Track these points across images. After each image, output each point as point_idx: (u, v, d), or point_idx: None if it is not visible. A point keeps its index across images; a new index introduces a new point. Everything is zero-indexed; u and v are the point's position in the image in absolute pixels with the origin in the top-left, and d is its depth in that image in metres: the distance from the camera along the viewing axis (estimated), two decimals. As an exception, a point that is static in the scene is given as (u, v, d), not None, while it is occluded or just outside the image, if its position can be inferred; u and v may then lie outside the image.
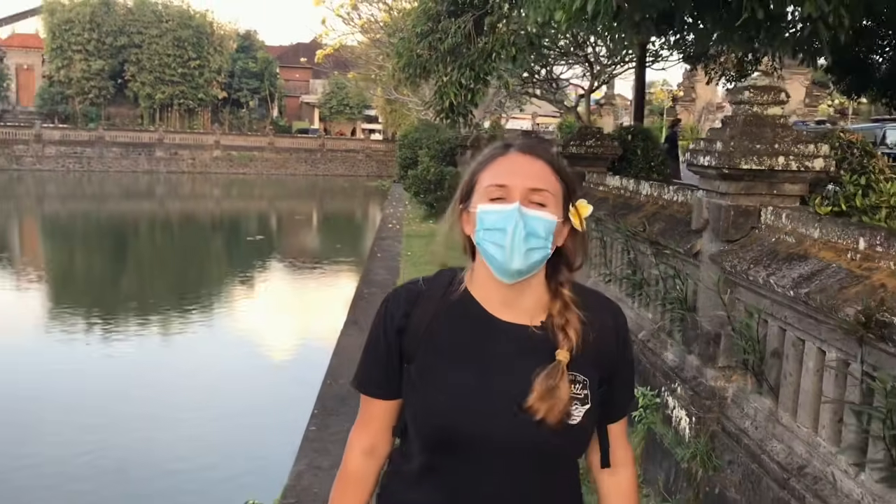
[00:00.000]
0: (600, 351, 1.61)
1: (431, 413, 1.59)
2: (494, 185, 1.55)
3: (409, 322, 1.64)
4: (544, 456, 1.60)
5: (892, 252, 3.06)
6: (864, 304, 2.86)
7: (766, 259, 3.80)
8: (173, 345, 12.67)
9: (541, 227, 1.53)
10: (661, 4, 4.79)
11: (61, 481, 7.20)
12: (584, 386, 1.58)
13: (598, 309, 1.65)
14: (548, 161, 1.59)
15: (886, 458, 2.93)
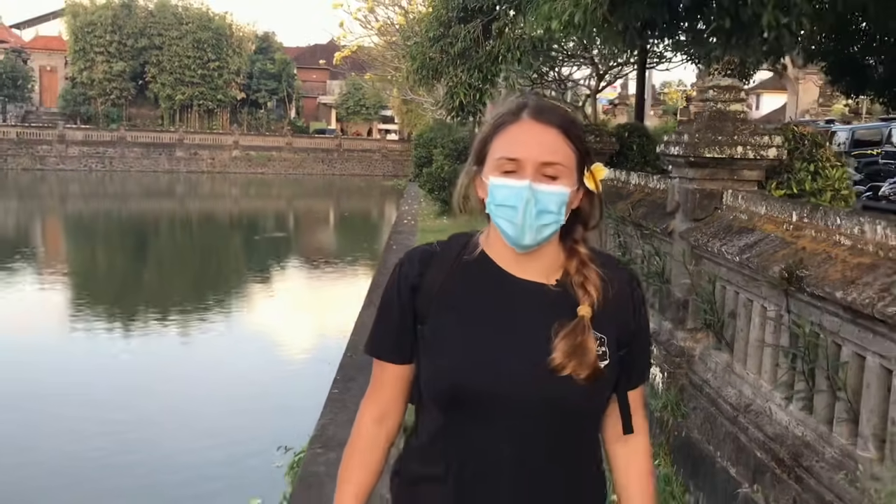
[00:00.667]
0: (618, 311, 1.60)
1: (445, 370, 1.56)
2: (506, 157, 1.53)
3: (422, 282, 1.62)
4: (565, 415, 1.57)
5: (815, 222, 3.73)
6: (787, 263, 3.54)
7: (722, 233, 4.47)
8: (195, 339, 12.81)
9: (553, 203, 1.52)
10: (642, 15, 5.47)
11: (82, 474, 7.27)
12: (601, 343, 1.56)
13: (614, 270, 1.65)
14: (561, 128, 1.55)
15: (806, 389, 3.60)
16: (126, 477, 7.22)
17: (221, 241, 28.35)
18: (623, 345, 1.61)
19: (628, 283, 1.65)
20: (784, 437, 3.68)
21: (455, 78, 9.47)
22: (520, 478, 1.57)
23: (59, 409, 8.94)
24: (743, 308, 4.31)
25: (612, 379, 1.60)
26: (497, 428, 1.55)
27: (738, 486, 3.87)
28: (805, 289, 3.42)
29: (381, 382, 1.71)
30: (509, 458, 1.56)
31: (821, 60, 13.74)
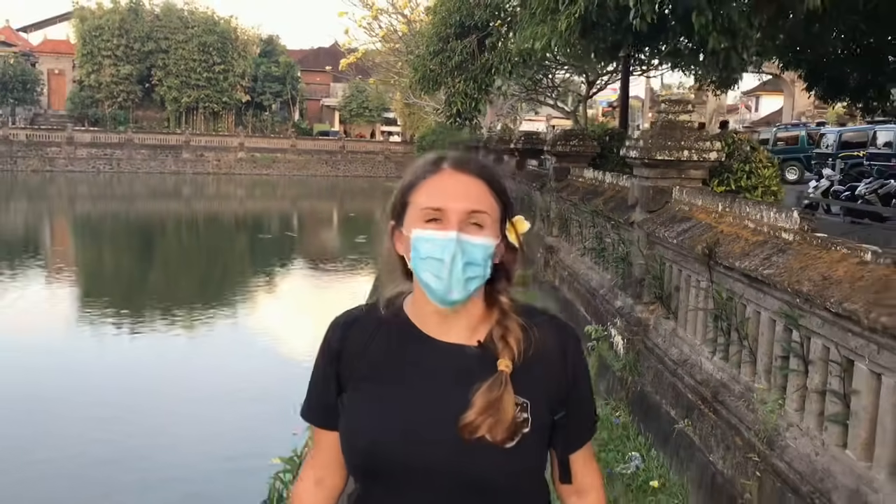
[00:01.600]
0: (548, 368, 1.51)
1: (356, 436, 1.50)
2: (429, 207, 1.46)
3: (343, 347, 1.57)
4: (482, 490, 1.45)
5: (732, 210, 4.71)
6: (707, 243, 4.52)
7: (668, 222, 5.46)
8: (200, 340, 12.88)
9: (479, 254, 1.45)
10: (609, 39, 6.44)
11: (86, 475, 7.30)
12: (523, 408, 1.46)
13: (545, 323, 1.55)
14: (484, 178, 1.50)
15: (724, 342, 4.58)
16: (131, 476, 7.21)
17: (228, 241, 28.88)
18: (558, 407, 1.52)
19: (559, 337, 1.55)
20: (708, 381, 4.66)
21: (453, 87, 10.50)
22: None
23: (63, 409, 8.94)
24: (683, 282, 5.29)
25: (537, 450, 1.50)
26: (414, 500, 1.47)
27: (675, 423, 4.85)
28: (719, 262, 4.40)
29: (318, 446, 1.65)
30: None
31: (796, 68, 14.56)
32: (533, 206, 11.72)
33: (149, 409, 9.14)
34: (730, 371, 4.46)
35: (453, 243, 1.42)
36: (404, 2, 24.01)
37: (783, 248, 3.85)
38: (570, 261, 9.00)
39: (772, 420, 3.81)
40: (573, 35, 6.22)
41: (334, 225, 35.75)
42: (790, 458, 3.55)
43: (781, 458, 3.60)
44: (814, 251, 3.60)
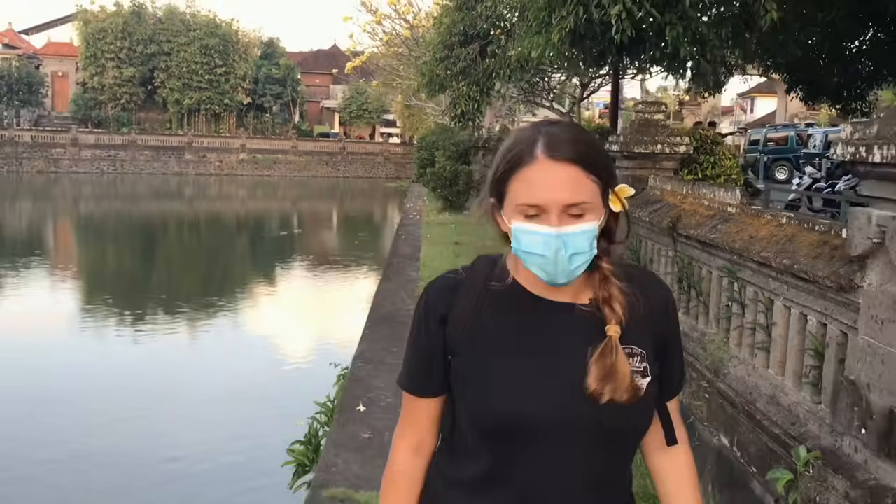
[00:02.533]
0: (653, 323, 1.56)
1: (487, 405, 1.50)
2: (526, 204, 1.45)
3: (451, 312, 1.56)
4: (611, 438, 1.51)
5: (693, 192, 5.73)
6: (671, 218, 5.54)
7: (643, 204, 6.48)
8: (201, 340, 12.88)
9: (584, 242, 1.44)
10: (594, 49, 7.46)
11: (87, 475, 7.30)
12: (642, 359, 1.51)
13: (645, 283, 1.60)
14: (579, 162, 1.45)
15: (685, 299, 5.60)
16: (132, 476, 7.22)
17: (230, 240, 29.39)
18: (660, 357, 1.57)
19: (662, 292, 1.62)
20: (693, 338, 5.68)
21: (457, 91, 11.55)
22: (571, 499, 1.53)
23: (65, 410, 8.93)
24: (655, 254, 6.31)
25: (655, 396, 1.56)
26: (548, 457, 1.50)
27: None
28: (680, 233, 5.42)
29: (416, 414, 1.67)
30: (563, 487, 1.51)
31: (776, 72, 15.51)
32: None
33: (151, 410, 9.07)
34: (689, 322, 5.48)
35: (555, 238, 1.42)
36: (407, 8, 25.09)
37: (727, 219, 4.87)
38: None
39: (718, 355, 4.83)
40: (564, 45, 7.24)
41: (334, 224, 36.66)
42: (730, 381, 4.57)
43: (724, 382, 4.62)
44: (748, 219, 4.63)
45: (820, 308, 3.64)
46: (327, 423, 6.29)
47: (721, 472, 4.43)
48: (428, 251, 14.52)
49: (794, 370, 3.98)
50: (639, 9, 6.52)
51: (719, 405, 4.59)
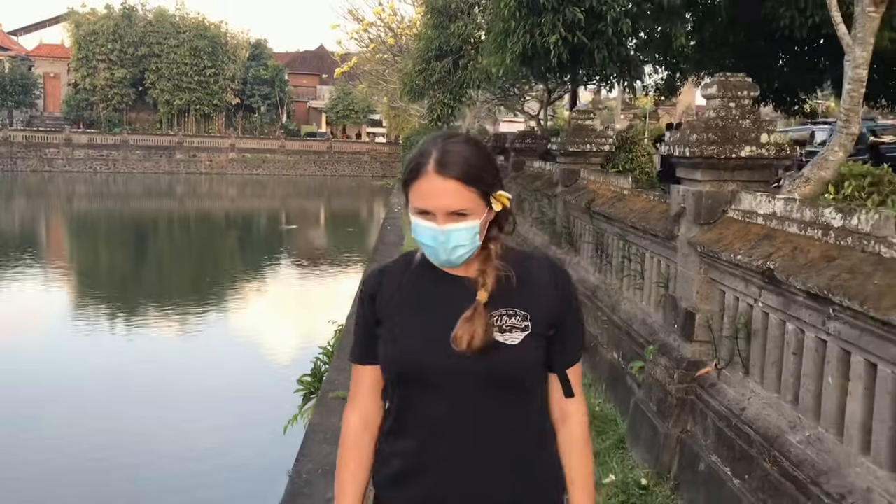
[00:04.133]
0: (539, 295, 1.85)
1: (391, 354, 1.86)
2: (417, 208, 1.79)
3: (379, 291, 1.91)
4: (493, 378, 1.81)
5: (606, 181, 7.55)
6: (588, 199, 7.35)
7: (575, 192, 8.30)
8: (190, 338, 12.73)
9: (464, 237, 1.77)
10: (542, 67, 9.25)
11: (78, 479, 7.11)
12: (523, 318, 1.81)
13: (532, 265, 1.90)
14: (461, 178, 1.75)
15: (599, 262, 7.40)
16: (121, 481, 7.02)
17: (221, 237, 29.85)
18: (551, 324, 1.86)
19: (552, 271, 1.91)
20: (592, 287, 7.49)
21: (434, 98, 13.38)
22: (467, 437, 1.83)
23: (54, 411, 8.74)
24: (582, 229, 8.12)
25: (535, 349, 1.84)
26: (441, 396, 1.82)
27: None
28: (593, 210, 7.23)
29: (360, 385, 1.98)
30: (453, 426, 1.83)
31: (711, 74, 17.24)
32: (499, 193, 14.53)
33: (141, 409, 8.90)
34: (601, 278, 7.29)
35: (440, 234, 1.76)
36: (391, 18, 26.89)
37: (621, 198, 6.69)
38: (524, 231, 11.83)
39: (615, 297, 6.64)
40: (516, 64, 9.05)
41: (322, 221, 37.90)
42: (620, 314, 6.38)
43: (616, 315, 6.43)
44: (633, 198, 6.44)
45: (663, 254, 5.46)
46: (328, 361, 8.03)
47: (610, 376, 6.25)
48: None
49: (654, 299, 5.79)
50: (573, 37, 8.33)
51: (613, 332, 6.40)
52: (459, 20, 13.01)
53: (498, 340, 1.80)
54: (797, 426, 3.61)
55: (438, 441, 1.86)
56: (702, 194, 4.62)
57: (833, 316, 3.23)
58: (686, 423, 4.58)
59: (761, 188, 4.45)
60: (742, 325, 4.16)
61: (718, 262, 4.40)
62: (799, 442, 3.53)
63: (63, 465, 7.35)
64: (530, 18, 8.51)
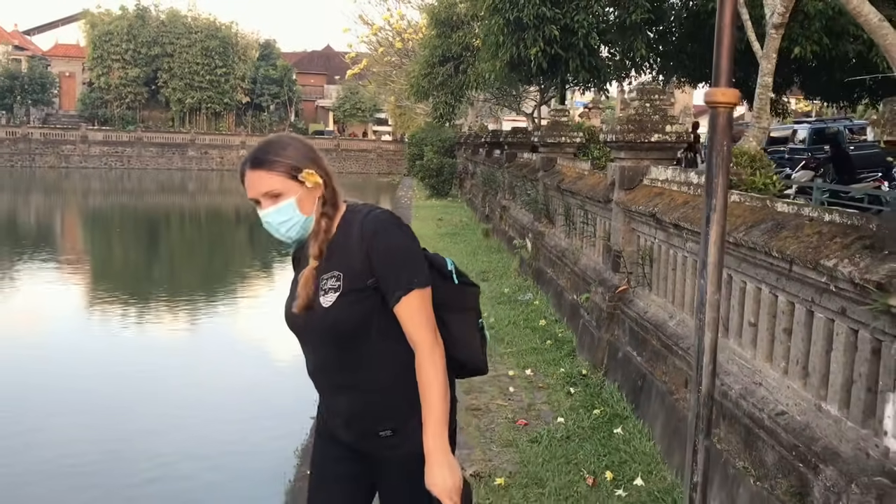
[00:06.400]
0: (353, 253, 2.20)
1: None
2: (250, 199, 2.22)
3: (294, 257, 2.50)
4: (318, 333, 2.25)
5: (574, 165, 9.46)
6: (559, 180, 9.27)
7: (552, 175, 10.21)
8: (209, 328, 12.66)
9: (285, 214, 2.19)
10: (525, 73, 11.16)
11: (82, 479, 6.70)
12: (336, 279, 2.20)
13: (349, 228, 2.24)
14: (265, 168, 2.17)
15: (568, 230, 9.31)
16: (128, 481, 6.66)
17: (233, 231, 30.32)
18: (367, 276, 2.18)
19: (359, 230, 2.21)
20: (562, 251, 9.40)
21: (437, 98, 15.36)
22: (328, 376, 2.33)
23: (61, 406, 8.43)
24: (556, 206, 10.03)
25: (352, 304, 2.19)
26: (306, 345, 2.34)
27: (549, 275, 9.57)
28: (563, 188, 9.14)
29: None
30: (319, 362, 2.32)
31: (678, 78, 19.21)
32: (495, 181, 16.47)
33: (152, 403, 8.64)
34: (569, 242, 9.21)
35: (265, 216, 2.21)
36: (398, 24, 28.85)
37: (582, 177, 8.60)
38: (515, 213, 13.77)
39: (577, 255, 8.56)
40: (505, 70, 10.98)
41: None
42: (580, 266, 8.30)
43: (577, 267, 8.35)
44: (590, 177, 8.36)
45: (605, 215, 7.37)
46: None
47: (570, 312, 8.18)
48: (416, 224, 18.06)
49: (600, 251, 7.71)
50: (550, 49, 10.25)
51: (574, 280, 8.33)
52: (460, 30, 14.95)
53: (318, 302, 2.22)
54: (673, 316, 5.53)
55: (318, 377, 2.38)
56: (625, 168, 6.54)
57: (686, 238, 5.15)
58: (613, 330, 6.49)
59: (664, 164, 6.36)
60: (646, 256, 6.08)
61: (633, 214, 6.32)
62: (674, 325, 5.44)
63: (70, 460, 7.02)
64: (516, 34, 10.47)
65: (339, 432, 2.40)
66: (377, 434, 2.32)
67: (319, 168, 2.26)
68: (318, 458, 2.51)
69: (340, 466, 2.44)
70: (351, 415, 2.34)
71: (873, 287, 2.90)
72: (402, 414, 2.29)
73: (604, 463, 4.88)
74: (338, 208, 2.30)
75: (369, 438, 2.34)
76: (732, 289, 4.48)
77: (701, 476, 3.07)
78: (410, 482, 2.25)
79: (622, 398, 5.85)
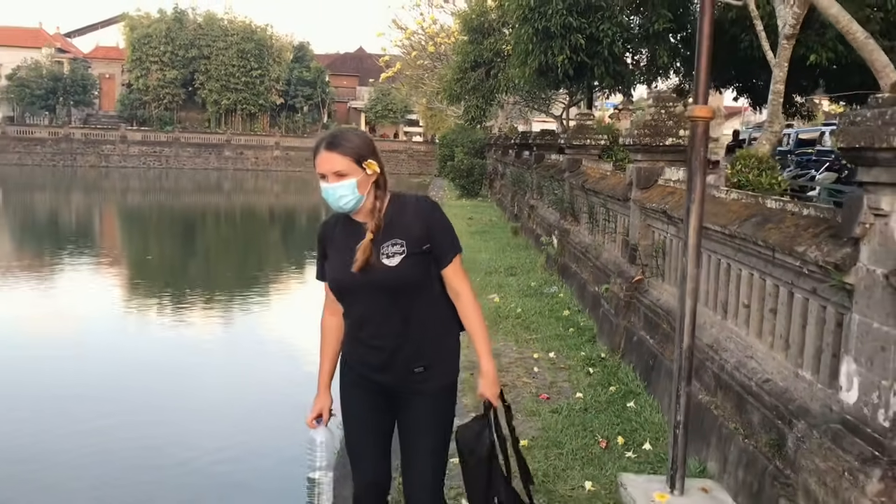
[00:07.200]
0: (413, 224, 2.84)
1: (328, 276, 2.99)
2: (318, 173, 2.76)
3: (324, 234, 3.02)
4: (385, 288, 2.83)
5: (598, 166, 10.06)
6: (583, 181, 9.88)
7: (577, 175, 10.82)
8: (238, 327, 12.74)
9: (345, 189, 2.74)
10: (553, 79, 11.77)
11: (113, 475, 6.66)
12: (401, 246, 2.80)
13: (405, 208, 2.90)
14: (339, 151, 2.73)
15: (591, 226, 9.92)
16: (156, 479, 6.62)
17: (269, 229, 31.39)
18: (424, 242, 2.83)
19: (416, 207, 2.91)
20: (586, 247, 10.01)
21: (469, 102, 16.04)
22: (378, 325, 2.89)
23: (95, 399, 8.49)
24: (580, 204, 10.63)
25: (413, 265, 2.82)
26: (356, 301, 2.92)
27: (573, 269, 10.18)
28: (587, 188, 9.75)
29: (327, 293, 3.07)
30: (371, 318, 2.89)
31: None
32: (524, 181, 17.10)
33: (182, 398, 8.74)
34: (592, 239, 9.82)
35: (328, 189, 2.77)
36: (431, 29, 29.57)
37: (604, 177, 9.21)
38: (542, 212, 14.38)
39: (599, 250, 9.17)
40: (533, 76, 11.62)
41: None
42: (602, 261, 8.90)
43: (599, 262, 8.95)
44: (612, 177, 8.96)
45: (625, 212, 7.98)
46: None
47: (592, 302, 8.78)
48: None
49: (620, 246, 8.31)
50: (576, 57, 10.87)
51: (596, 273, 8.94)
52: (491, 37, 15.64)
53: (384, 263, 2.79)
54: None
55: (362, 327, 2.94)
56: (641, 169, 7.15)
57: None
58: (630, 317, 7.10)
59: (677, 165, 6.95)
60: (660, 249, 6.68)
61: (648, 211, 6.93)
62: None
63: (104, 456, 7.01)
64: (543, 42, 11.14)
65: (375, 376, 2.98)
66: (412, 371, 2.92)
67: (378, 160, 2.86)
68: (351, 403, 3.08)
69: (371, 405, 3.03)
70: (392, 355, 2.90)
71: (832, 268, 3.51)
72: (431, 353, 2.94)
73: (616, 430, 5.50)
74: (387, 193, 2.91)
75: (404, 375, 2.93)
76: (731, 276, 5.08)
77: (683, 416, 3.71)
78: (436, 409, 2.98)
79: (636, 377, 6.47)
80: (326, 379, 3.13)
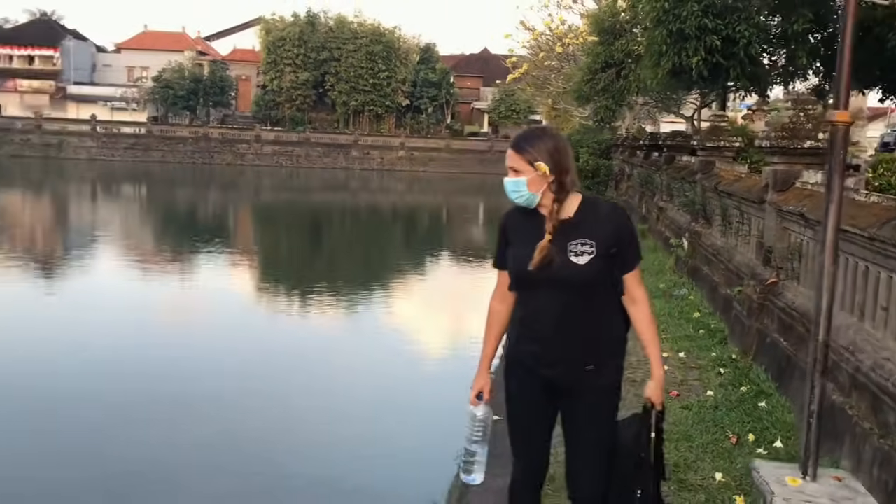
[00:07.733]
0: (602, 228, 2.98)
1: (510, 266, 3.11)
2: (507, 167, 3.03)
3: (508, 225, 3.16)
4: (568, 286, 2.96)
5: (731, 168, 10.03)
6: (717, 182, 9.87)
7: (710, 177, 10.79)
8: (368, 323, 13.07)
9: (517, 185, 2.98)
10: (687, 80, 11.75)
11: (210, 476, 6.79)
12: (591, 246, 2.93)
13: (602, 207, 3.09)
14: (518, 151, 2.99)
15: (724, 229, 9.89)
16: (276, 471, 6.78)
17: (389, 228, 32.17)
18: (612, 246, 2.97)
19: (610, 212, 3.08)
20: (719, 250, 9.99)
21: (599, 103, 16.13)
22: (555, 321, 3.02)
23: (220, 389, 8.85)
24: (713, 206, 10.60)
25: (598, 267, 2.95)
26: (535, 294, 3.05)
27: (704, 271, 10.18)
28: (720, 190, 9.73)
29: (499, 281, 3.22)
30: (548, 310, 3.02)
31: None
32: (653, 183, 17.04)
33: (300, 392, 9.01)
34: (724, 241, 9.80)
35: (505, 182, 3.04)
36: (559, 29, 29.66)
37: (738, 180, 9.19)
38: (672, 214, 14.33)
39: (731, 253, 9.16)
40: (666, 78, 11.66)
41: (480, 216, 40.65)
42: (734, 263, 8.89)
43: (731, 264, 8.96)
44: (746, 180, 8.94)
45: (759, 215, 7.97)
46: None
47: (723, 305, 8.80)
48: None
49: (754, 248, 8.30)
50: (711, 58, 10.85)
51: (728, 276, 8.94)
52: (622, 38, 15.69)
53: (571, 261, 2.93)
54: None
55: (537, 320, 3.07)
56: (778, 171, 7.16)
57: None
58: (763, 319, 7.14)
59: (815, 168, 6.94)
60: (795, 252, 6.70)
61: (784, 214, 6.94)
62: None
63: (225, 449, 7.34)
64: (678, 44, 11.15)
65: (544, 371, 3.10)
66: (583, 368, 3.06)
67: (555, 164, 2.97)
68: (517, 394, 3.23)
69: (536, 397, 3.18)
70: (565, 351, 3.05)
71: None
72: (601, 353, 3.10)
73: (747, 428, 5.60)
74: (568, 195, 3.01)
75: (574, 372, 3.07)
76: (869, 279, 5.11)
77: (817, 405, 3.85)
78: (603, 405, 3.16)
79: (768, 378, 6.52)
80: (487, 362, 3.30)
